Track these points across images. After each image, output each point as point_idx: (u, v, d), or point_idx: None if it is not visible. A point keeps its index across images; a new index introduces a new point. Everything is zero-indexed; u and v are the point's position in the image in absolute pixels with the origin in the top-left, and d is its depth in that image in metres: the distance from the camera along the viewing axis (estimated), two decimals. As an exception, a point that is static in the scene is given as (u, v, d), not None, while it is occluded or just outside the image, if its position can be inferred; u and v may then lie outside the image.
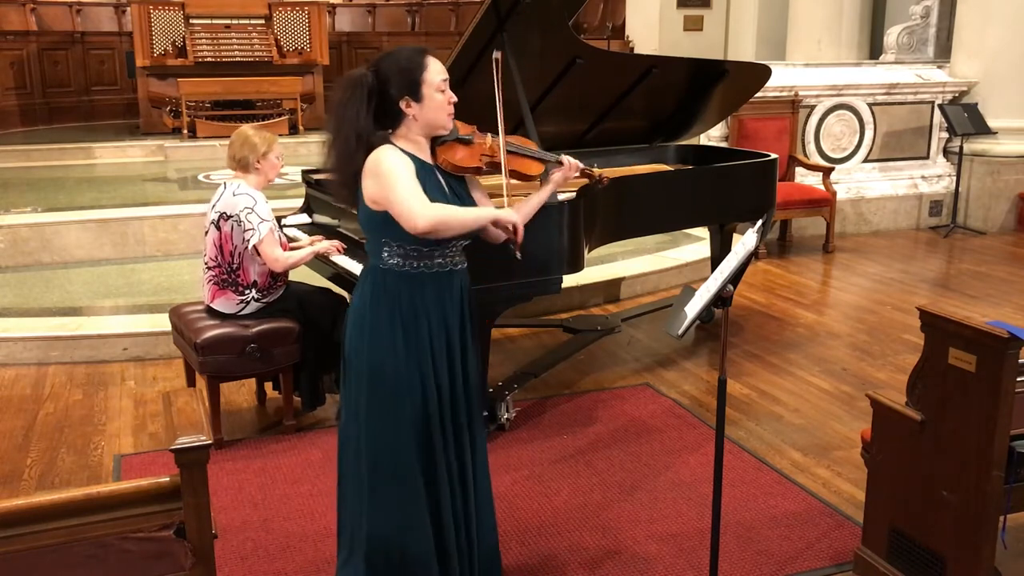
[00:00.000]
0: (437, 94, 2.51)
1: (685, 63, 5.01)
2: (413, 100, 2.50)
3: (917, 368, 2.79)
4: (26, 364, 4.90)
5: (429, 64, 2.51)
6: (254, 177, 3.92)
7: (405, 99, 2.49)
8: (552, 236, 3.75)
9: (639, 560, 3.11)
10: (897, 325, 5.53)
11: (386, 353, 2.52)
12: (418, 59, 2.51)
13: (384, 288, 2.53)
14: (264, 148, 3.89)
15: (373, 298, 2.54)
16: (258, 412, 4.37)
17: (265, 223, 3.83)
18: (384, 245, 2.53)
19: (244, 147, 3.89)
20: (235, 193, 3.86)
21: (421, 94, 2.49)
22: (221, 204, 3.88)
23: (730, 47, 11.23)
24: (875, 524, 2.98)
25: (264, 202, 3.89)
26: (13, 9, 11.17)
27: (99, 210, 6.75)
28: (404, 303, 2.53)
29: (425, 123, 2.54)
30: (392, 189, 2.42)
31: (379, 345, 2.53)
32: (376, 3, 13.12)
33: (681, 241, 6.81)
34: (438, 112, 2.53)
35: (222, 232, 3.88)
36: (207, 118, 9.78)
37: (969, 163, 8.01)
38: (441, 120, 2.55)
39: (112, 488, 1.72)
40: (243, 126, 4.04)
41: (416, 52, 2.54)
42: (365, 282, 2.60)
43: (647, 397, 4.49)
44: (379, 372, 2.53)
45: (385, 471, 2.56)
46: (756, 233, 2.71)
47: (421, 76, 2.49)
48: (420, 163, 2.53)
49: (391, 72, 2.49)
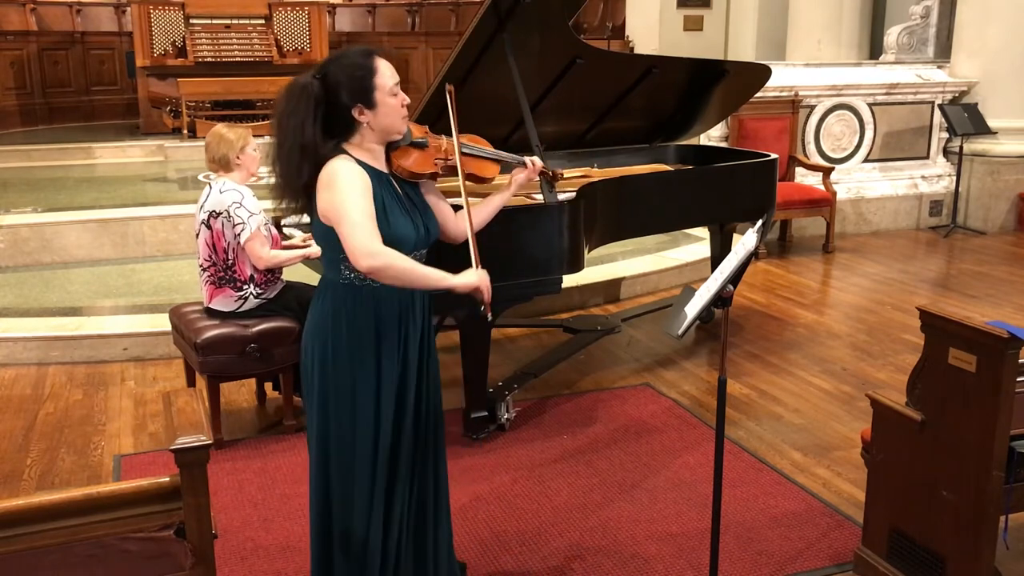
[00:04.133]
0: (390, 98, 2.38)
1: (685, 63, 5.01)
2: (366, 108, 2.36)
3: (917, 368, 2.79)
4: (26, 364, 4.90)
5: (379, 67, 2.37)
6: (237, 174, 3.94)
7: (358, 107, 2.36)
8: (552, 236, 3.75)
9: (639, 560, 3.11)
10: (897, 325, 5.53)
11: (345, 371, 2.43)
12: (367, 63, 2.37)
13: (345, 304, 2.43)
14: (241, 143, 3.90)
15: (334, 313, 2.43)
16: (258, 412, 4.37)
17: (254, 217, 3.84)
18: (342, 261, 2.40)
19: (221, 145, 3.89)
20: (222, 191, 3.88)
21: (374, 100, 2.36)
22: (209, 203, 3.89)
23: (730, 47, 11.23)
24: (875, 524, 2.98)
25: (251, 196, 3.89)
26: (13, 9, 11.17)
27: (99, 210, 6.75)
28: (363, 319, 2.43)
29: (380, 130, 2.41)
30: (343, 215, 2.30)
31: (339, 362, 2.43)
32: (376, 3, 13.12)
33: (681, 241, 6.81)
34: (393, 117, 2.40)
35: (213, 230, 3.89)
36: (207, 118, 9.77)
37: (969, 163, 8.01)
38: (396, 125, 2.42)
39: (112, 488, 1.72)
40: (215, 126, 4.03)
41: (364, 55, 2.39)
42: (324, 297, 2.48)
43: (647, 397, 4.49)
44: (338, 391, 2.44)
45: (344, 493, 2.49)
46: (756, 233, 2.71)
47: (372, 81, 2.35)
48: (375, 173, 2.41)
49: (340, 79, 2.35)
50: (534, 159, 2.90)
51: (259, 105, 10.11)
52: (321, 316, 2.46)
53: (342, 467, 2.50)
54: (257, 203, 3.90)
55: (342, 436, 2.47)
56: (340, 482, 2.51)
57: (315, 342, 2.46)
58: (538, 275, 3.75)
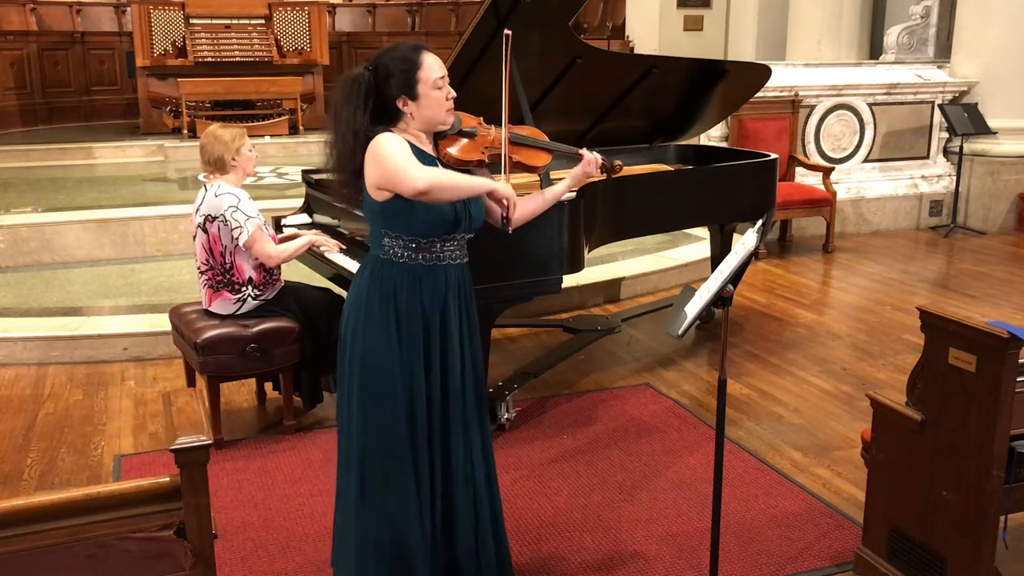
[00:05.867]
0: (434, 91, 2.52)
1: (685, 63, 5.01)
2: (409, 99, 2.52)
3: (917, 368, 2.79)
4: (26, 364, 4.90)
5: (425, 61, 2.52)
6: (232, 175, 3.92)
7: (402, 98, 2.51)
8: (552, 236, 3.75)
9: (639, 560, 3.11)
10: (897, 325, 5.53)
11: (381, 343, 2.54)
12: (414, 57, 2.52)
13: (382, 278, 2.55)
14: (236, 143, 3.89)
15: (371, 287, 2.56)
16: (258, 412, 4.37)
17: (252, 220, 3.82)
18: (384, 236, 2.55)
19: (217, 145, 3.87)
20: (217, 194, 3.85)
21: (417, 92, 2.51)
22: (205, 207, 3.87)
23: (730, 47, 11.23)
24: (875, 524, 2.98)
25: (248, 199, 3.88)
26: (13, 9, 11.17)
27: (99, 210, 6.74)
28: (401, 294, 2.54)
29: (423, 120, 2.55)
30: (388, 160, 2.43)
31: (374, 335, 2.54)
32: (376, 3, 13.12)
33: (681, 241, 6.81)
34: (436, 109, 2.54)
35: (210, 234, 3.88)
36: (207, 118, 9.77)
37: (969, 163, 8.01)
38: (440, 117, 2.56)
39: (112, 488, 1.72)
40: (210, 126, 4.03)
41: (412, 49, 2.54)
42: (364, 271, 2.62)
43: (647, 397, 4.49)
44: (373, 362, 2.55)
45: (374, 465, 2.57)
46: (756, 233, 2.72)
47: (417, 75, 2.50)
48: (420, 152, 2.53)
49: (389, 70, 2.50)
50: (593, 153, 2.92)
51: (259, 105, 10.12)
52: (359, 290, 2.61)
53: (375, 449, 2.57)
54: (254, 205, 3.88)
55: (380, 406, 2.56)
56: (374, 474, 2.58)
57: (351, 311, 2.61)
58: (538, 275, 3.75)
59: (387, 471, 2.57)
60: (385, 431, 2.56)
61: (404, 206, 2.48)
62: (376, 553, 2.60)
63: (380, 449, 2.57)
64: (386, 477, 2.57)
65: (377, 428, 2.56)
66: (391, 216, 2.51)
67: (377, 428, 2.56)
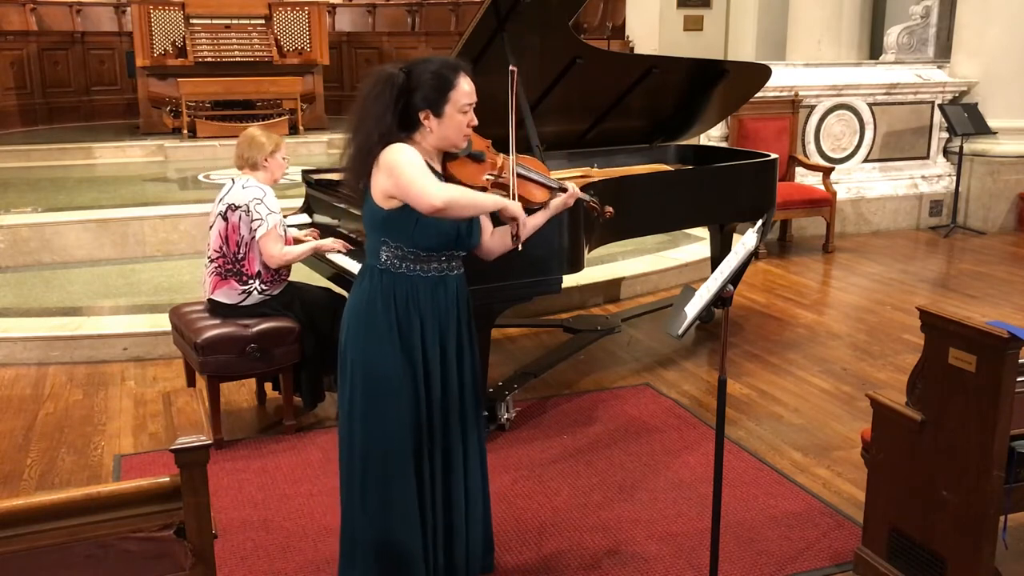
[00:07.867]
0: (459, 114, 2.51)
1: (685, 63, 5.01)
2: (434, 114, 2.50)
3: (917, 368, 2.79)
4: (26, 364, 4.90)
5: (459, 84, 2.50)
6: (262, 174, 4.00)
7: (426, 111, 2.49)
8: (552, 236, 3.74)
9: (639, 560, 3.11)
10: (897, 325, 5.53)
11: (381, 352, 2.55)
12: (451, 76, 2.49)
13: (381, 288, 2.55)
14: (271, 147, 3.98)
15: (370, 297, 2.56)
16: (258, 412, 4.37)
17: (273, 215, 3.90)
18: (383, 245, 2.55)
19: (252, 147, 3.97)
20: (244, 186, 3.94)
21: (443, 111, 2.49)
22: (230, 196, 3.94)
23: (730, 47, 11.23)
24: (875, 524, 2.98)
25: (272, 196, 3.96)
26: (13, 9, 11.16)
27: (99, 210, 6.74)
28: (401, 304, 2.55)
29: (440, 138, 2.54)
30: (405, 173, 2.42)
31: (374, 344, 2.55)
32: (376, 3, 13.11)
33: (681, 241, 6.81)
34: (455, 131, 2.53)
35: (229, 222, 3.92)
36: (207, 118, 9.78)
37: (969, 163, 8.01)
38: (455, 140, 2.56)
39: (112, 488, 1.72)
40: (250, 127, 4.14)
41: (451, 68, 2.52)
42: (363, 281, 2.62)
43: (647, 397, 4.49)
44: (373, 370, 2.56)
45: (376, 472, 2.59)
46: (756, 233, 2.72)
47: (449, 94, 2.48)
48: (429, 167, 2.53)
49: (421, 80, 2.48)
50: (572, 185, 2.92)
51: (259, 105, 10.12)
52: (358, 299, 2.60)
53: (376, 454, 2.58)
54: (277, 203, 3.95)
55: (380, 414, 2.56)
56: (375, 477, 2.59)
57: (350, 320, 2.61)
58: (538, 275, 3.75)
59: (388, 478, 2.58)
60: (386, 439, 2.57)
61: (409, 218, 2.48)
62: (378, 558, 2.61)
63: (381, 457, 2.58)
64: (387, 484, 2.58)
65: (378, 437, 2.57)
66: (394, 226, 2.50)
67: (378, 437, 2.57)
